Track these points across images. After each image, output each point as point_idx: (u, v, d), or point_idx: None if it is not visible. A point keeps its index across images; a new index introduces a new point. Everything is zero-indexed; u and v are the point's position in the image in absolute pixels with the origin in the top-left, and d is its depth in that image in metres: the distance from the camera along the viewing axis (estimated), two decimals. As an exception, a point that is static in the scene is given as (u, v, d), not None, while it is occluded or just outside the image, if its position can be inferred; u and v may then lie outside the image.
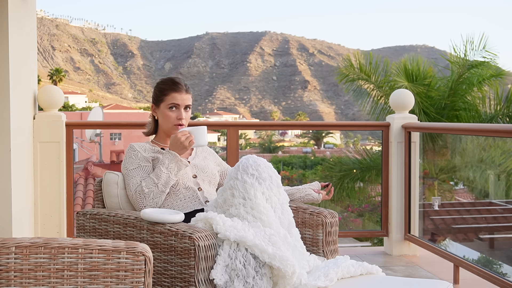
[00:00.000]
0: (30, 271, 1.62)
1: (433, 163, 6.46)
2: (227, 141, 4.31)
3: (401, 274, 3.83)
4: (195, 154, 2.64)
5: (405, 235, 4.33)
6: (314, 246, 2.49)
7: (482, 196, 5.61)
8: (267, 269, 2.04)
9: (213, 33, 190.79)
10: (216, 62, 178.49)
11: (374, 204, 10.87)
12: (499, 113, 8.78)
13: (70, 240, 1.66)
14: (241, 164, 2.22)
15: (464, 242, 5.05)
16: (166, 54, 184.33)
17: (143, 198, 2.38)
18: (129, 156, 2.49)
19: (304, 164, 25.67)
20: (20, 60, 3.52)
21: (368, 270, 2.23)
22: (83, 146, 18.90)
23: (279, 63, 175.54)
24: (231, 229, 2.06)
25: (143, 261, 1.66)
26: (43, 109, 4.04)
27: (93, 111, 14.35)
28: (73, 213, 4.02)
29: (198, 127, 2.45)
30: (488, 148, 5.36)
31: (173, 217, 2.16)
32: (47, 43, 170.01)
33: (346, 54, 10.42)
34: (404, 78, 8.94)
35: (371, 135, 28.38)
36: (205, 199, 2.48)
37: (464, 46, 8.93)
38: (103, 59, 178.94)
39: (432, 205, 5.14)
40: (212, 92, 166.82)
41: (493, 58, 8.97)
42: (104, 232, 2.37)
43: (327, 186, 2.71)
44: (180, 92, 2.53)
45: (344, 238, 10.90)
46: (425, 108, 8.79)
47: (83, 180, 10.30)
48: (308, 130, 58.02)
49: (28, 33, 3.71)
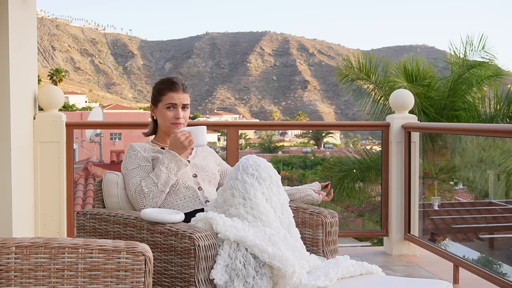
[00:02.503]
0: (30, 271, 1.62)
1: (433, 163, 6.45)
2: (227, 141, 4.31)
3: (401, 274, 3.83)
4: (195, 153, 2.64)
5: (405, 235, 4.33)
6: (314, 246, 2.50)
7: (482, 196, 5.61)
8: (267, 269, 2.04)
9: (213, 33, 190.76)
10: (216, 62, 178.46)
11: (374, 204, 10.86)
12: (499, 113, 8.77)
13: (70, 240, 1.66)
14: (241, 164, 2.22)
15: (464, 242, 5.04)
16: (166, 54, 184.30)
17: (142, 198, 2.38)
18: (129, 156, 2.50)
19: (304, 164, 25.66)
20: (20, 60, 3.52)
21: (368, 270, 2.23)
22: (83, 146, 18.90)
23: (279, 63, 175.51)
24: (231, 229, 2.07)
25: (143, 261, 1.66)
26: (43, 109, 4.04)
27: (93, 111, 14.35)
28: (73, 213, 4.03)
29: (197, 127, 2.45)
30: (488, 148, 5.36)
31: (173, 217, 2.17)
32: (47, 43, 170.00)
33: (346, 54, 10.43)
34: (404, 78, 8.94)
35: (371, 135, 28.40)
36: (205, 198, 2.48)
37: (464, 47, 8.93)
38: (103, 59, 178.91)
39: (432, 205, 5.14)
40: (212, 92, 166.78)
41: (491, 59, 8.97)
42: (104, 232, 2.37)
43: (327, 186, 2.71)
44: (177, 92, 2.53)
45: (344, 238, 10.90)
46: (425, 108, 8.79)
47: (83, 180, 10.30)
48: (308, 130, 58.00)
49: (28, 33, 3.71)
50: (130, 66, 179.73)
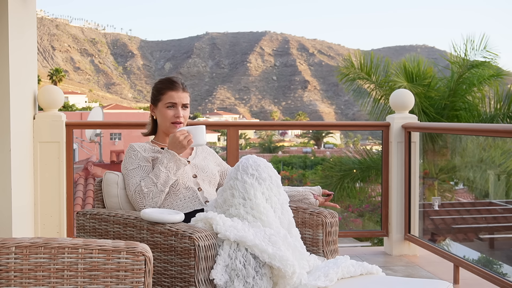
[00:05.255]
0: (30, 271, 1.62)
1: (433, 163, 6.45)
2: (227, 141, 4.31)
3: (401, 274, 3.83)
4: (195, 154, 2.64)
5: (405, 235, 4.33)
6: (314, 246, 2.49)
7: (482, 196, 5.61)
8: (267, 269, 2.04)
9: (213, 33, 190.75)
10: (216, 62, 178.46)
11: (374, 204, 10.86)
12: (499, 113, 8.77)
13: (70, 240, 1.66)
14: (241, 164, 2.22)
15: (464, 242, 5.04)
16: (166, 54, 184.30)
17: (142, 198, 2.38)
18: (129, 156, 2.49)
19: (304, 164, 25.68)
20: (20, 60, 3.52)
21: (368, 270, 2.23)
22: (83, 146, 18.90)
23: (279, 63, 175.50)
24: (231, 229, 2.06)
25: (143, 261, 1.66)
26: (43, 109, 4.04)
27: (93, 111, 14.36)
28: (73, 213, 4.02)
29: (196, 126, 2.45)
30: (488, 148, 5.36)
31: (173, 217, 2.16)
32: (47, 43, 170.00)
33: (347, 54, 10.42)
34: (404, 78, 8.94)
35: (371, 135, 28.40)
36: (205, 199, 2.48)
37: (465, 46, 8.92)
38: (103, 59, 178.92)
39: (432, 205, 5.13)
40: (212, 92, 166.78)
41: (494, 58, 8.96)
42: (104, 232, 2.37)
43: (329, 196, 2.69)
44: (177, 91, 2.54)
45: (344, 238, 10.91)
46: (425, 108, 8.79)
47: (83, 180, 10.30)
48: (308, 130, 58.02)
49: (28, 33, 3.71)
50: (130, 66, 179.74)
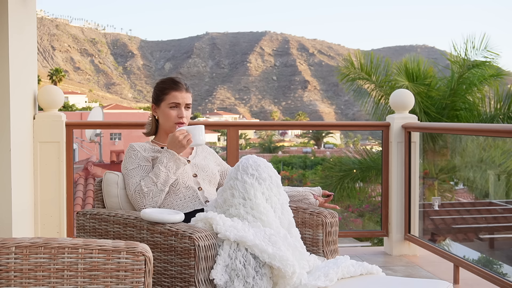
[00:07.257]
0: (30, 271, 1.62)
1: (433, 163, 6.46)
2: (227, 141, 4.31)
3: (401, 274, 3.83)
4: (196, 153, 2.64)
5: (405, 235, 4.33)
6: (314, 246, 2.49)
7: (482, 196, 5.61)
8: (267, 269, 2.04)
9: (213, 33, 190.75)
10: (216, 62, 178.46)
11: (374, 204, 10.87)
12: (499, 113, 8.77)
13: (70, 240, 1.66)
14: (241, 164, 2.22)
15: (464, 242, 5.04)
16: (166, 54, 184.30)
17: (142, 198, 2.38)
18: (129, 156, 2.49)
19: (304, 164, 25.69)
20: (20, 60, 3.52)
21: (368, 270, 2.23)
22: (83, 146, 18.90)
23: (279, 63, 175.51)
24: (231, 229, 2.06)
25: (143, 261, 1.66)
26: (43, 109, 4.04)
27: (93, 111, 14.35)
28: (73, 213, 4.02)
29: (195, 126, 2.46)
30: (488, 148, 5.36)
31: (173, 217, 2.16)
32: (47, 43, 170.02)
33: (347, 53, 10.41)
34: (405, 78, 8.94)
35: (371, 135, 28.38)
36: (205, 198, 2.48)
37: (465, 46, 8.92)
38: (103, 59, 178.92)
39: (432, 205, 5.13)
40: (212, 92, 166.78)
41: (494, 58, 8.96)
42: (104, 232, 2.37)
43: (329, 197, 2.69)
44: (181, 91, 2.54)
45: (344, 238, 10.90)
46: (426, 108, 8.79)
47: (83, 180, 10.30)
48: (308, 130, 58.00)
49: (28, 33, 3.71)
50: (130, 66, 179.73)
